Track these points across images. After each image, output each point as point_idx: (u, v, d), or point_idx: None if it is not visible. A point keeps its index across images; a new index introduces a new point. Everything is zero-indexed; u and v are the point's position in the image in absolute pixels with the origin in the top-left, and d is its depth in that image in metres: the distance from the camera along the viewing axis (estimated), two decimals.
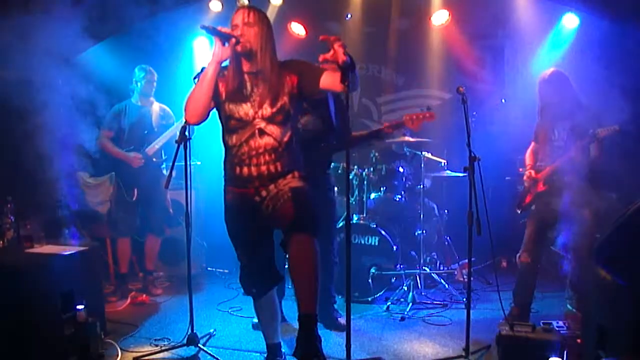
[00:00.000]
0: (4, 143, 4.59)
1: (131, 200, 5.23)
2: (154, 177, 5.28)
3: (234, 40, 3.00)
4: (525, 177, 4.45)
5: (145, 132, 5.25)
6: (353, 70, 2.88)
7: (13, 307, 3.30)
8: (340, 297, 5.00)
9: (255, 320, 4.43)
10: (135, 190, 5.23)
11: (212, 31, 2.98)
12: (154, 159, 5.29)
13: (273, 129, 3.06)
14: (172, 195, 5.55)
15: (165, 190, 5.33)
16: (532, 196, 4.39)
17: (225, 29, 3.03)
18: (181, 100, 4.80)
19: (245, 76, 3.10)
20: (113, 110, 5.26)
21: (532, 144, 4.60)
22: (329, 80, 3.00)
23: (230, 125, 3.10)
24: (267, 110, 3.05)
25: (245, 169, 3.08)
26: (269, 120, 3.06)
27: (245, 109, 3.07)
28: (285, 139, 3.10)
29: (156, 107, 5.35)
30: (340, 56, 2.79)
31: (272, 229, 3.21)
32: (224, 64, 3.11)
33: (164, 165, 5.40)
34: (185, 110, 3.11)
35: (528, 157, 4.58)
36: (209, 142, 4.71)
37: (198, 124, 3.16)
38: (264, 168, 3.06)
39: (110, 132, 5.23)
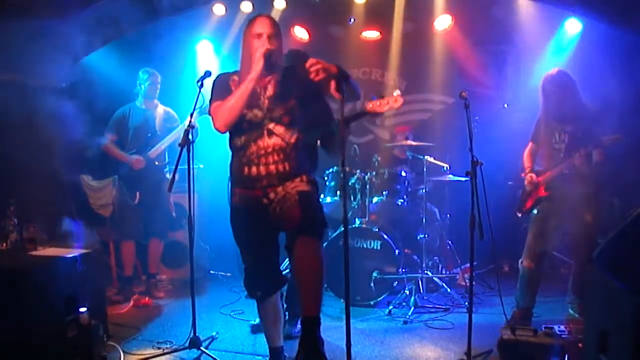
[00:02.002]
0: (7, 146, 4.61)
1: (134, 204, 5.25)
2: (157, 180, 5.29)
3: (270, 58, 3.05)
4: (526, 181, 4.45)
5: (149, 134, 5.27)
6: (346, 79, 2.92)
7: (16, 309, 3.31)
8: (342, 300, 5.02)
9: (253, 322, 4.46)
10: (138, 194, 5.25)
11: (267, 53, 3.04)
12: (157, 162, 5.31)
13: (280, 130, 3.11)
14: (175, 199, 5.57)
15: (168, 194, 5.34)
16: (533, 200, 4.39)
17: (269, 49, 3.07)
18: (185, 103, 4.86)
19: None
20: (117, 113, 5.29)
21: (530, 144, 4.59)
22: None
23: (240, 128, 3.13)
24: (275, 112, 3.11)
25: (254, 168, 3.10)
26: (277, 121, 3.11)
27: (254, 112, 3.11)
28: (293, 140, 3.13)
29: (160, 110, 5.38)
30: (319, 75, 2.85)
31: (278, 232, 3.23)
32: (233, 70, 3.16)
33: (167, 169, 5.41)
34: (215, 119, 3.11)
35: (526, 159, 4.58)
36: (212, 145, 4.74)
37: (225, 132, 3.18)
38: (272, 167, 3.09)
39: (114, 135, 5.26)
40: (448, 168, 5.62)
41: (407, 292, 5.05)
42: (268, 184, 3.11)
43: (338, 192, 5.38)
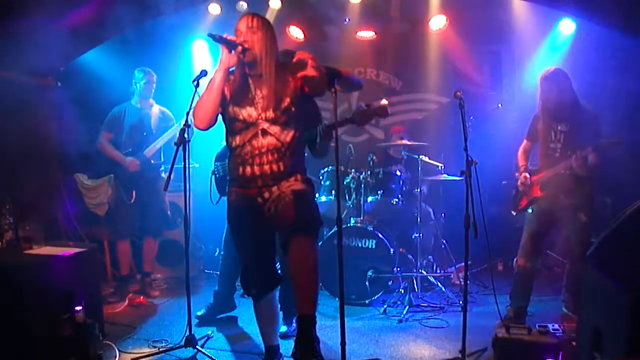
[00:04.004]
0: (2, 144, 4.61)
1: (129, 202, 5.24)
2: (153, 179, 5.29)
3: (240, 48, 3.05)
4: (520, 182, 4.46)
5: (145, 133, 5.26)
6: (338, 77, 2.94)
7: (12, 308, 3.31)
8: (337, 299, 5.03)
9: (199, 313, 4.55)
10: (134, 193, 5.25)
11: (219, 39, 3.03)
12: (152, 161, 5.31)
13: (276, 130, 3.10)
14: (171, 198, 5.57)
15: (164, 193, 5.34)
16: (527, 200, 4.40)
17: (232, 37, 3.08)
18: (181, 102, 4.85)
19: (249, 79, 3.15)
20: (112, 112, 5.28)
21: (525, 142, 4.60)
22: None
23: (235, 128, 3.14)
24: (270, 112, 3.09)
25: (249, 168, 3.11)
26: (273, 122, 3.10)
27: (248, 111, 3.11)
28: (288, 139, 3.13)
29: (156, 109, 5.37)
30: (310, 72, 2.88)
31: (274, 231, 3.23)
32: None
33: (162, 168, 5.41)
34: (194, 116, 3.15)
35: (520, 157, 4.59)
36: (208, 144, 4.73)
37: (207, 129, 3.19)
38: (266, 167, 3.09)
39: (109, 134, 5.26)
40: (443, 167, 5.63)
41: (402, 291, 5.07)
42: (263, 184, 3.12)
43: (333, 191, 5.39)
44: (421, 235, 5.37)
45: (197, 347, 3.84)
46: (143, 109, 5.31)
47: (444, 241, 5.96)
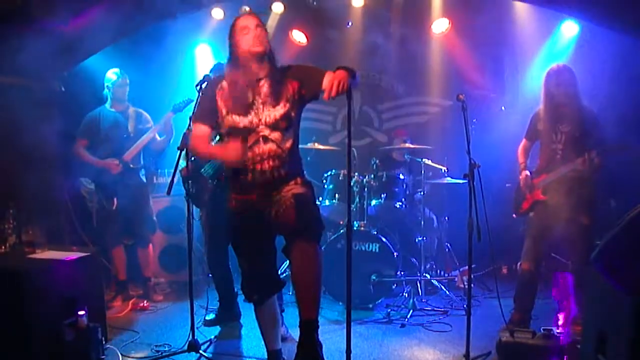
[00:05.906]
0: (6, 149, 4.62)
1: (111, 209, 5.13)
2: (134, 184, 5.18)
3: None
4: (522, 182, 4.43)
5: (125, 136, 5.16)
6: (353, 77, 2.93)
7: (14, 313, 3.32)
8: (340, 303, 5.02)
9: (207, 317, 4.59)
10: (115, 200, 5.13)
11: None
12: (132, 165, 5.18)
13: (276, 136, 3.09)
14: (174, 202, 5.55)
15: (147, 197, 5.30)
16: (529, 203, 4.38)
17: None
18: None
19: (247, 86, 3.12)
20: (86, 118, 5.18)
21: (524, 141, 4.58)
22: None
23: (235, 136, 3.10)
24: (270, 117, 3.08)
25: (250, 175, 3.10)
26: (273, 127, 3.08)
27: (248, 119, 3.09)
28: (288, 144, 3.12)
29: (131, 111, 5.26)
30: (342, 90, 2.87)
31: (274, 236, 3.22)
32: (220, 73, 3.18)
33: (142, 172, 5.32)
34: (192, 140, 3.28)
35: (520, 155, 4.56)
36: None
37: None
38: (268, 174, 3.09)
39: (84, 141, 5.16)
40: (446, 171, 5.62)
41: (406, 295, 5.06)
42: (263, 190, 3.11)
43: (336, 195, 5.38)
44: (425, 238, 5.36)
45: (199, 351, 3.83)
46: (118, 112, 5.19)
47: (448, 244, 5.95)
